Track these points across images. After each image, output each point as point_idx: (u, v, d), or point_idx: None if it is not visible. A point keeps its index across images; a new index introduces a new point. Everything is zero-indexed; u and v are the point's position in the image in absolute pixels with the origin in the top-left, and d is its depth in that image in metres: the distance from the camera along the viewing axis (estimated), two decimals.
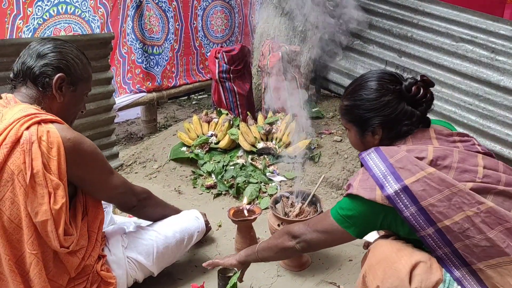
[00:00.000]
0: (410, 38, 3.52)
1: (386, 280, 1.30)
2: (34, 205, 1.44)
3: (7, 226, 1.45)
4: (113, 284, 1.73)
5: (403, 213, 1.29)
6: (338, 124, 3.56)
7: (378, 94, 1.44)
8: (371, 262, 1.39)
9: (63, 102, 1.61)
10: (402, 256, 1.33)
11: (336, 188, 2.88)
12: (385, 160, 1.35)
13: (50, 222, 1.45)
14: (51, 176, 1.45)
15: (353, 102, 1.51)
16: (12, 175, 1.43)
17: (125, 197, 1.79)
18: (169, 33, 4.34)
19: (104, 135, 3.31)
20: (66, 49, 1.62)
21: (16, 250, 1.49)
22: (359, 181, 1.39)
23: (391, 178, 1.31)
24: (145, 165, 3.34)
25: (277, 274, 2.11)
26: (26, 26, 3.21)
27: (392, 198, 1.30)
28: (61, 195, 1.47)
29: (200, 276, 2.09)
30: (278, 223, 2.04)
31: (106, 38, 3.18)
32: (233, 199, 2.88)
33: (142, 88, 4.14)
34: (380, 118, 1.44)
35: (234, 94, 3.48)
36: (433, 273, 1.29)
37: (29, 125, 1.45)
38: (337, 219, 1.45)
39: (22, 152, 1.43)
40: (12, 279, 1.49)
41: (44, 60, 1.56)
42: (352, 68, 3.90)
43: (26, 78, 1.58)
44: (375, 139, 1.49)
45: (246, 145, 3.12)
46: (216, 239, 2.43)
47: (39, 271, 1.50)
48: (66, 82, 1.60)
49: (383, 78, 1.47)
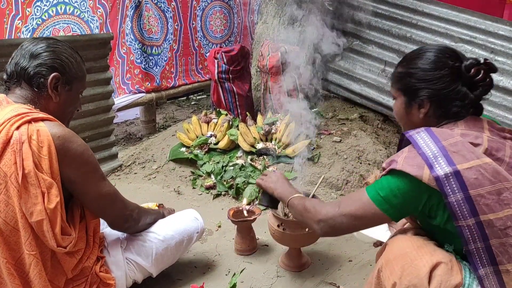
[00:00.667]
0: (409, 39, 3.52)
1: (404, 277, 1.26)
2: (29, 206, 1.43)
3: (3, 228, 1.44)
4: (112, 285, 1.72)
5: (448, 198, 1.22)
6: (337, 124, 3.56)
7: (434, 66, 1.38)
8: (388, 257, 1.34)
9: (59, 101, 1.59)
10: (423, 254, 1.28)
11: (336, 189, 2.88)
12: (438, 141, 1.28)
13: (46, 222, 1.44)
14: (43, 176, 1.43)
15: (406, 69, 1.45)
16: (4, 177, 1.42)
17: (116, 210, 1.70)
18: (168, 34, 4.34)
19: (103, 136, 3.31)
20: (59, 48, 1.60)
21: (14, 252, 1.47)
22: (404, 158, 1.30)
23: (443, 161, 1.24)
24: (144, 166, 3.33)
25: (276, 275, 2.10)
26: (25, 27, 3.21)
27: (441, 180, 1.22)
28: (55, 194, 1.45)
29: (199, 276, 2.09)
30: (278, 223, 2.03)
31: (105, 39, 3.18)
32: (233, 199, 2.87)
33: (141, 88, 4.14)
34: (431, 91, 1.38)
35: (233, 94, 3.48)
36: (454, 275, 1.25)
37: (20, 125, 1.44)
38: (376, 200, 1.35)
39: (12, 152, 1.41)
40: (10, 281, 1.48)
41: (38, 60, 1.54)
42: (351, 69, 3.89)
43: (20, 79, 1.55)
44: (421, 112, 1.42)
45: (245, 145, 3.12)
46: (215, 239, 2.43)
47: (39, 271, 1.49)
48: (61, 81, 1.58)
49: (444, 51, 1.40)
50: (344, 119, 3.66)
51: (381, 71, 3.71)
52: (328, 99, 4.15)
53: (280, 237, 2.05)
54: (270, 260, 2.23)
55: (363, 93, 3.78)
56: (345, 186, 2.89)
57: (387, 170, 1.35)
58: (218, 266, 2.18)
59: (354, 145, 3.19)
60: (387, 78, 3.66)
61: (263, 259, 2.24)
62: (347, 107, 3.93)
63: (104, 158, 3.29)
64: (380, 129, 3.65)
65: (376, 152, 3.15)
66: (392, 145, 3.48)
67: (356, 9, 3.88)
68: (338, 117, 3.72)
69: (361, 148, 3.16)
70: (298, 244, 2.10)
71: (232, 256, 2.27)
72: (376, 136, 3.45)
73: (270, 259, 2.24)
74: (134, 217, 1.78)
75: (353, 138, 3.28)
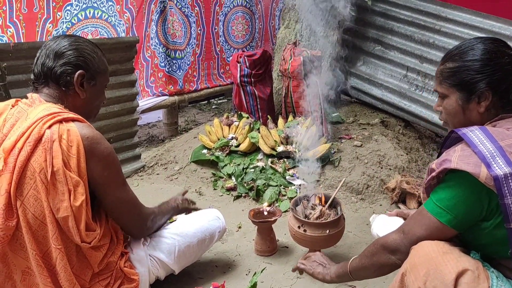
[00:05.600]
0: (432, 44, 3.50)
1: (429, 283, 1.23)
2: (56, 202, 1.48)
3: (32, 223, 1.49)
4: (136, 280, 1.76)
5: (504, 199, 1.17)
6: (358, 129, 3.56)
7: (492, 55, 1.33)
8: (414, 261, 1.30)
9: (85, 97, 1.65)
10: (449, 260, 1.24)
11: (356, 193, 2.88)
12: (494, 141, 1.22)
13: (71, 218, 1.49)
14: (71, 174, 1.48)
15: (460, 63, 1.37)
16: (34, 173, 1.47)
17: (131, 217, 1.73)
18: (191, 38, 4.42)
19: (127, 137, 3.38)
20: (81, 45, 1.64)
21: (42, 245, 1.53)
22: (458, 156, 1.23)
23: (501, 160, 1.18)
24: (167, 167, 3.39)
25: (296, 276, 2.12)
26: (55, 30, 3.32)
27: (500, 180, 1.16)
28: (81, 192, 1.50)
29: (220, 275, 2.12)
30: (298, 225, 2.05)
31: (131, 42, 3.26)
32: (253, 201, 2.90)
33: (165, 91, 4.22)
34: (491, 81, 1.32)
35: (255, 98, 3.52)
36: (480, 283, 1.21)
37: (51, 124, 1.49)
38: (436, 213, 1.29)
39: (43, 150, 1.47)
40: (39, 273, 1.54)
41: (62, 59, 1.59)
42: (372, 74, 3.89)
43: (47, 79, 1.61)
44: (481, 106, 1.35)
45: (266, 148, 3.15)
46: (236, 240, 2.46)
47: (64, 265, 1.54)
48: (86, 77, 1.63)
49: (496, 41, 1.37)
50: (365, 124, 3.66)
51: (403, 76, 3.70)
52: (349, 104, 4.16)
53: (300, 238, 2.06)
54: (290, 261, 2.25)
55: (385, 98, 3.78)
56: (365, 191, 2.89)
57: (439, 170, 1.28)
58: (238, 266, 2.21)
59: (375, 149, 3.19)
60: (409, 84, 3.65)
61: (283, 260, 2.26)
62: (368, 112, 3.93)
63: (127, 159, 3.36)
64: (402, 134, 3.64)
65: (397, 157, 3.15)
66: (414, 150, 3.46)
67: (379, 14, 3.89)
68: (359, 121, 3.72)
69: (382, 153, 3.16)
70: (318, 246, 2.11)
71: (252, 257, 2.30)
72: (398, 142, 3.44)
73: (290, 261, 2.26)
74: (148, 225, 1.81)
75: (374, 143, 3.28)
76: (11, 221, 1.48)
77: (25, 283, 1.58)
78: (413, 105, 3.59)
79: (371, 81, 3.88)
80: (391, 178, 2.94)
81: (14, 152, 1.47)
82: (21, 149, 1.47)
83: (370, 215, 2.70)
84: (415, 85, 3.62)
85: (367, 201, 2.85)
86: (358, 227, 2.58)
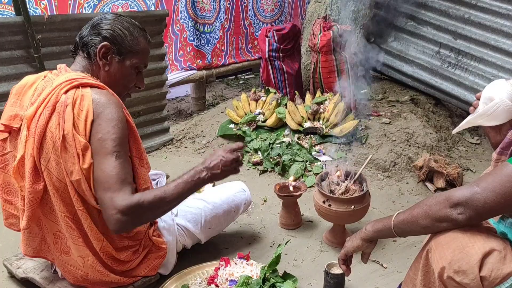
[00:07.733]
0: (467, 20, 3.38)
1: (454, 263, 1.21)
2: (69, 165, 1.50)
3: (57, 185, 1.53)
4: (163, 249, 1.82)
5: None
6: (387, 106, 3.51)
7: None
8: (439, 240, 1.28)
9: (108, 71, 1.64)
10: (475, 242, 1.22)
11: (383, 170, 2.86)
12: None
13: (83, 181, 1.49)
14: (79, 138, 1.48)
15: None
16: (52, 137, 1.50)
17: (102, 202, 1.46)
18: (220, 12, 4.39)
19: (156, 110, 3.44)
20: (116, 20, 1.65)
21: (70, 206, 1.56)
22: None
23: None
24: (194, 140, 3.44)
25: (320, 250, 2.15)
26: (86, 3, 3.35)
27: None
28: (89, 155, 1.48)
29: (245, 246, 2.17)
30: (323, 199, 2.07)
31: (160, 15, 3.28)
32: (279, 176, 2.92)
33: (193, 65, 4.24)
34: None
35: (282, 73, 3.50)
36: (507, 264, 1.19)
37: (68, 89, 1.51)
38: None
39: (57, 114, 1.50)
40: (70, 234, 1.59)
41: (94, 30, 1.62)
42: (404, 50, 3.80)
43: (79, 48, 1.65)
44: None
45: (293, 124, 3.15)
46: (261, 213, 2.50)
47: (89, 224, 1.58)
48: (112, 51, 1.62)
49: None
50: (394, 101, 3.60)
51: (436, 53, 3.60)
52: (378, 81, 4.08)
53: (325, 213, 2.08)
54: (314, 235, 2.28)
55: (415, 76, 3.69)
56: (392, 168, 2.87)
57: None
58: (263, 238, 2.25)
59: (404, 127, 3.14)
60: (441, 61, 3.55)
61: (307, 234, 2.29)
62: (397, 89, 3.85)
63: (156, 132, 3.43)
64: (432, 112, 3.56)
65: (426, 136, 3.09)
66: (443, 129, 3.39)
67: None
68: (388, 99, 3.66)
69: (410, 131, 3.11)
70: (343, 221, 2.13)
71: (277, 229, 2.33)
72: (427, 120, 3.38)
73: (314, 235, 2.28)
74: (124, 219, 1.43)
75: (402, 121, 3.23)
76: (38, 184, 1.53)
77: (57, 246, 1.65)
78: (445, 83, 3.50)
79: (402, 57, 3.79)
80: (419, 156, 2.90)
81: (35, 118, 1.51)
82: (40, 115, 1.50)
83: (396, 192, 2.70)
84: (447, 62, 3.52)
85: (393, 179, 2.83)
86: (383, 204, 2.58)
